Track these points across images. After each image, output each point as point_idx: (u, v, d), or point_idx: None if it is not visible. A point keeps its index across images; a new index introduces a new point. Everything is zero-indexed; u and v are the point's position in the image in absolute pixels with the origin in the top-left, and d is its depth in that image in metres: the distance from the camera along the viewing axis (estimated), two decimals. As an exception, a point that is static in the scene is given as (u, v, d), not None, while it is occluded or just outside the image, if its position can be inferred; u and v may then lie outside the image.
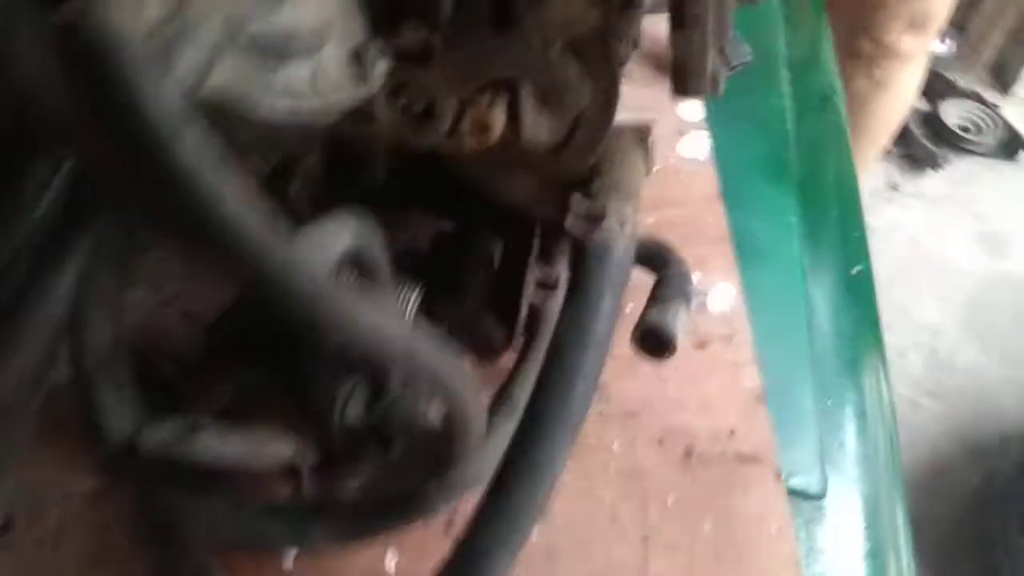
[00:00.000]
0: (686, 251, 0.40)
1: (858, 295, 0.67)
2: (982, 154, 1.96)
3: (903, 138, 1.92)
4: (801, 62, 0.76)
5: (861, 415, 0.56)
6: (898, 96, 1.29)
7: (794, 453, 0.48)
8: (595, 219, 0.29)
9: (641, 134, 0.35)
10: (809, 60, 0.77)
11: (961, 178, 1.94)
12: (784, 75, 0.73)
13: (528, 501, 0.25)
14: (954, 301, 1.74)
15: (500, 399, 0.38)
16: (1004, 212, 1.89)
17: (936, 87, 1.96)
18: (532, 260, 0.37)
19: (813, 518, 0.47)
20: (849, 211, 0.71)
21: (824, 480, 0.48)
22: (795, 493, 0.46)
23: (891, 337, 1.60)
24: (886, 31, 1.20)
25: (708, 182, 0.59)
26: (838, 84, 0.79)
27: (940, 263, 1.81)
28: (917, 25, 1.18)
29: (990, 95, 2.06)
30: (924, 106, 1.96)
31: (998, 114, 2.00)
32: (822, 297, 0.62)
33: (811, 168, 0.69)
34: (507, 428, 0.34)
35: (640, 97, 0.53)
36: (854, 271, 0.66)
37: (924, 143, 1.90)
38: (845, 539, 0.48)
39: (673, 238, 0.41)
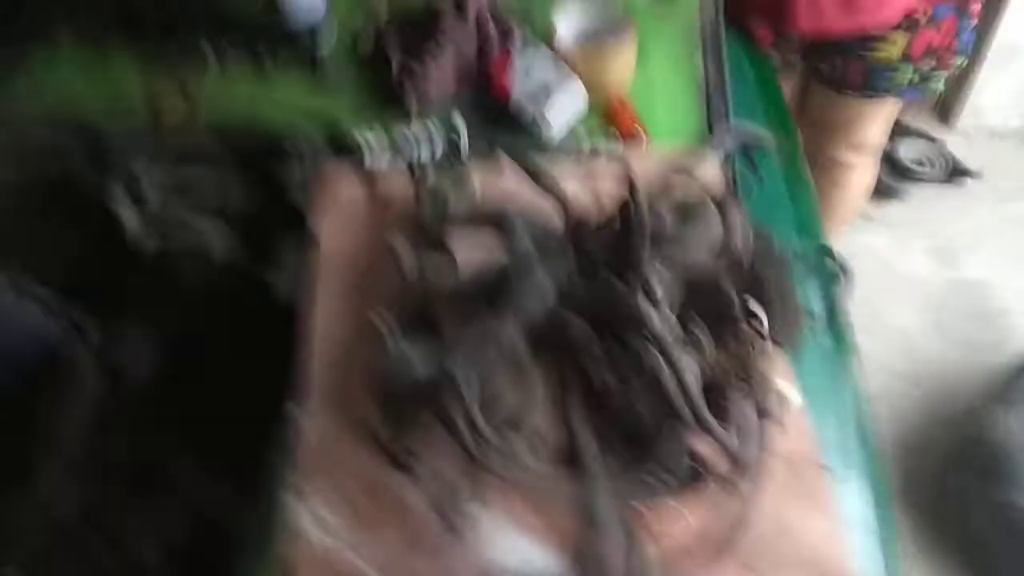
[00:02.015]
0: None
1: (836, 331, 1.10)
2: (933, 182, 2.44)
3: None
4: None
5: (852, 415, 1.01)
6: (849, 191, 1.76)
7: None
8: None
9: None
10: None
11: (917, 204, 2.41)
12: (789, 215, 1.19)
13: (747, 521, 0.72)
14: (919, 306, 2.21)
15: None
16: (953, 229, 2.36)
17: (892, 130, 2.42)
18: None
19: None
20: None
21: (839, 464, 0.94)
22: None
23: (872, 340, 2.09)
24: (832, 149, 1.66)
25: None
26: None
27: (905, 275, 2.28)
28: (855, 147, 1.65)
29: (936, 131, 2.54)
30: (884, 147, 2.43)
31: (943, 148, 2.47)
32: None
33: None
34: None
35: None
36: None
37: (885, 179, 2.37)
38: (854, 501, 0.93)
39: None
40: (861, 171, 1.74)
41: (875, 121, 1.62)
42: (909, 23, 1.38)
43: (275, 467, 0.91)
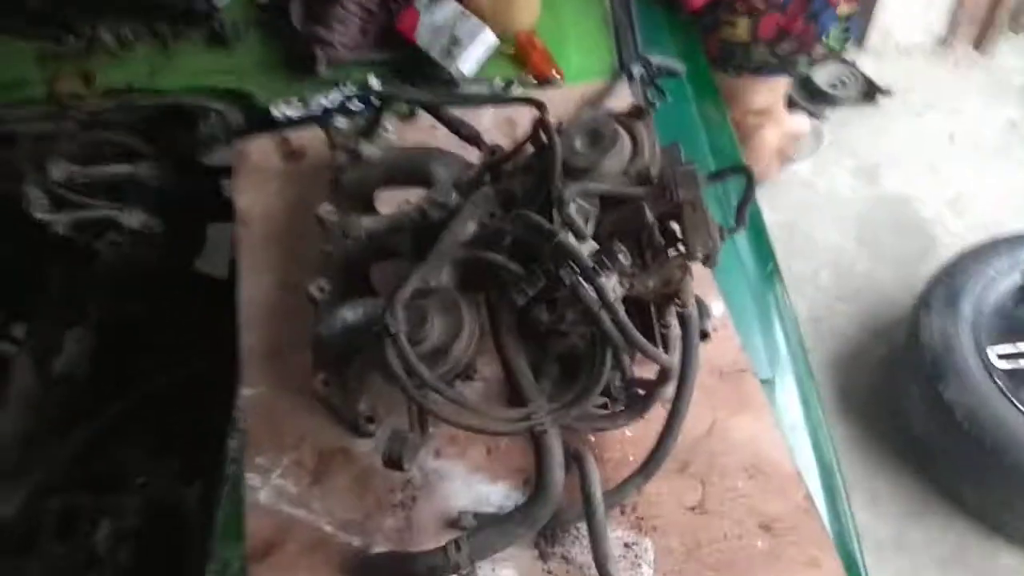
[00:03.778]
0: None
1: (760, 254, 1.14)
2: (849, 103, 2.50)
3: (788, 102, 2.44)
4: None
5: (778, 326, 1.05)
6: (759, 147, 1.81)
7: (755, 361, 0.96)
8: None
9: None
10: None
11: (837, 125, 2.48)
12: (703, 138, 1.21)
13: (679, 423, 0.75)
14: (845, 224, 2.29)
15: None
16: (872, 147, 2.44)
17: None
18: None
19: (768, 391, 0.96)
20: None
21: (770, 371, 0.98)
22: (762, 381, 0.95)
23: (803, 261, 2.14)
24: (732, 114, 1.68)
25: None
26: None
27: (829, 196, 2.35)
28: (752, 112, 1.69)
29: (848, 52, 2.60)
30: (801, 73, 2.48)
31: (856, 69, 2.54)
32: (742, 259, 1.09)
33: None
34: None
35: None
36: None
37: (804, 104, 2.43)
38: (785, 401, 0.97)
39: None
40: (767, 130, 1.80)
41: (759, 92, 1.66)
42: (748, 8, 1.43)
43: (223, 443, 0.90)
